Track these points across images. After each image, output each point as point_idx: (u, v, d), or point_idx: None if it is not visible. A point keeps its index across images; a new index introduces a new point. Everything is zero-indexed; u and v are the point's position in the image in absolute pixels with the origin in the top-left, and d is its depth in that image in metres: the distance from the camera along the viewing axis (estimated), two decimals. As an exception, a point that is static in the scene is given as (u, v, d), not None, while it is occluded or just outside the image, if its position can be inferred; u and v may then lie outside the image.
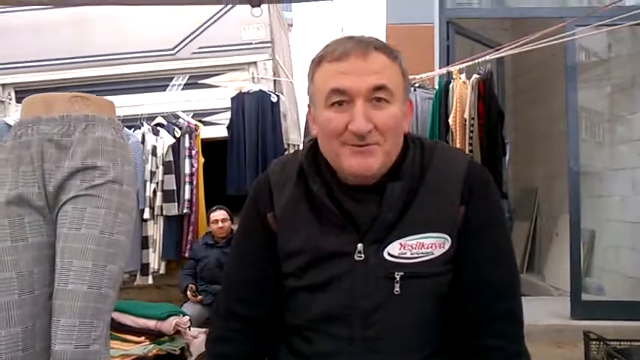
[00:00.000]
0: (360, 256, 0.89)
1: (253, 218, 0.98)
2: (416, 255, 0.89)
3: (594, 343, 2.59)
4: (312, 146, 0.96)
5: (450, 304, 0.92)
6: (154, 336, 2.38)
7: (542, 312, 3.73)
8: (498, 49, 3.41)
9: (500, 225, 0.94)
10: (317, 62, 0.90)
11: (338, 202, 0.90)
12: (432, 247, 0.89)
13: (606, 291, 4.00)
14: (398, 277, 0.88)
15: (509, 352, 0.90)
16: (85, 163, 1.36)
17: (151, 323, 2.38)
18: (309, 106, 0.96)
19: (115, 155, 1.40)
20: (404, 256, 0.89)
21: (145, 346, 2.28)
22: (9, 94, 4.14)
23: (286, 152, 4.33)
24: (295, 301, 0.95)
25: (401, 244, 0.89)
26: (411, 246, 0.89)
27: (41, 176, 1.36)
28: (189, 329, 2.55)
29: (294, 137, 4.85)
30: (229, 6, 3.95)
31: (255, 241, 0.98)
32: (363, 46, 0.87)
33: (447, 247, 0.90)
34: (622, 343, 2.55)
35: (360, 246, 0.89)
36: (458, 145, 3.12)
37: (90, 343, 1.25)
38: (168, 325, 2.39)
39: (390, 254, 0.89)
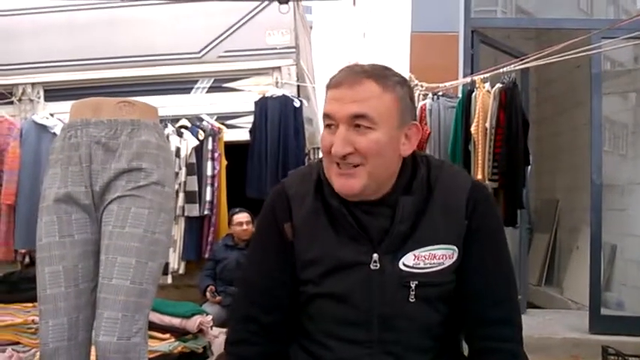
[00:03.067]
0: (376, 266, 0.96)
1: (270, 227, 1.04)
2: (429, 265, 0.96)
3: (612, 357, 2.57)
4: None
5: (452, 308, 1.00)
6: (179, 333, 2.43)
7: (560, 325, 3.67)
8: (522, 60, 3.39)
9: (498, 237, 1.03)
10: (327, 86, 0.99)
11: (353, 214, 0.97)
12: (442, 257, 0.97)
13: (626, 306, 3.93)
14: (413, 286, 0.96)
15: (506, 352, 0.96)
16: (130, 165, 1.42)
17: (176, 321, 2.43)
18: None
19: (159, 158, 1.46)
20: (418, 266, 0.96)
21: (171, 343, 2.34)
22: (38, 93, 4.22)
23: (307, 157, 4.37)
24: (314, 308, 1.01)
25: (415, 255, 0.96)
26: (424, 257, 0.96)
27: (88, 176, 1.42)
28: (212, 329, 2.59)
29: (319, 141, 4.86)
30: (256, 10, 4.02)
31: (271, 249, 1.03)
32: (354, 75, 0.94)
33: (455, 257, 0.98)
34: (640, 358, 2.52)
35: (375, 256, 0.96)
36: (479, 154, 3.11)
37: (131, 336, 1.30)
38: (192, 324, 2.44)
39: (405, 265, 0.96)
